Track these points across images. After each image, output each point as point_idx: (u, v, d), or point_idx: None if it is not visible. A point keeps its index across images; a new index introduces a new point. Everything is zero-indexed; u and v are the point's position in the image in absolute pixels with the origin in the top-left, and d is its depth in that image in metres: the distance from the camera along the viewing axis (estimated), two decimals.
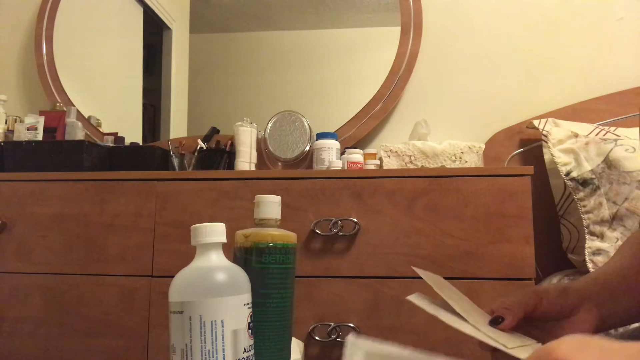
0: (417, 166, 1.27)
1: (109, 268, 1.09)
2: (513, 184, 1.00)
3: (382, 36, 1.56)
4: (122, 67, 1.73)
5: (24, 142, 1.32)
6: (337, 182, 1.05)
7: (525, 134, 1.44)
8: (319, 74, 1.58)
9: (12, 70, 1.75)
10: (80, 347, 1.07)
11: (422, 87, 1.54)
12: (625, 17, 1.47)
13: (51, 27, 1.70)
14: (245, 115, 1.42)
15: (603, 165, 1.15)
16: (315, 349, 1.01)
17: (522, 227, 0.99)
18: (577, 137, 1.25)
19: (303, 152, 1.43)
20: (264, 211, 0.54)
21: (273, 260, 0.52)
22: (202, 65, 1.65)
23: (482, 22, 1.54)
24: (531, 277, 0.97)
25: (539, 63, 1.50)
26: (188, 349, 0.44)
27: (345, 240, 1.03)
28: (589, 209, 1.15)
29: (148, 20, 1.70)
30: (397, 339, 0.98)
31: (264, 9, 1.63)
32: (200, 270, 0.47)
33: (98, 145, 1.35)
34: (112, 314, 1.07)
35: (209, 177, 1.10)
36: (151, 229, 1.08)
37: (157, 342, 1.05)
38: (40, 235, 1.12)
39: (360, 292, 1.01)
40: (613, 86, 1.44)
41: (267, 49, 1.62)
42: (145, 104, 1.68)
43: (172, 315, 0.46)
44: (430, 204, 1.02)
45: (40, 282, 1.10)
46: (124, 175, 1.13)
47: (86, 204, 1.11)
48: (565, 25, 1.50)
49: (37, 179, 1.14)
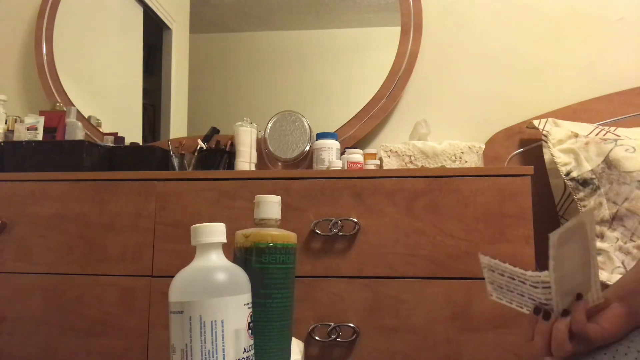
0: (417, 166, 1.27)
1: (109, 268, 1.09)
2: (513, 184, 1.00)
3: (382, 36, 1.56)
4: (122, 67, 1.73)
5: (24, 142, 1.32)
6: (337, 182, 1.05)
7: (525, 134, 1.44)
8: (319, 74, 1.58)
9: (12, 70, 1.75)
10: (80, 347, 1.07)
11: (422, 87, 1.54)
12: (625, 17, 1.47)
13: (51, 27, 1.70)
14: (245, 115, 1.42)
15: (603, 165, 1.15)
16: (315, 349, 1.01)
17: (522, 227, 0.99)
18: (577, 137, 1.25)
19: (303, 152, 1.43)
20: (264, 211, 0.54)
21: (273, 260, 0.52)
22: (202, 65, 1.65)
23: (482, 22, 1.54)
24: None
25: (539, 63, 1.50)
26: (188, 349, 0.44)
27: (345, 240, 1.03)
28: (589, 209, 1.15)
29: (148, 20, 1.70)
30: (397, 339, 0.98)
31: (264, 9, 1.63)
32: (200, 270, 0.47)
33: (98, 145, 1.35)
34: (112, 314, 1.07)
35: (209, 177, 1.10)
36: (151, 229, 1.08)
37: (157, 342, 1.05)
38: (40, 235, 1.12)
39: (360, 292, 1.01)
40: (613, 86, 1.44)
41: (267, 49, 1.62)
42: (145, 104, 1.68)
43: (172, 315, 0.46)
44: (430, 204, 1.02)
45: (40, 282, 1.10)
46: (124, 175, 1.12)
47: (86, 204, 1.11)
48: (565, 25, 1.50)
49: (37, 179, 1.14)
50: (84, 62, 1.72)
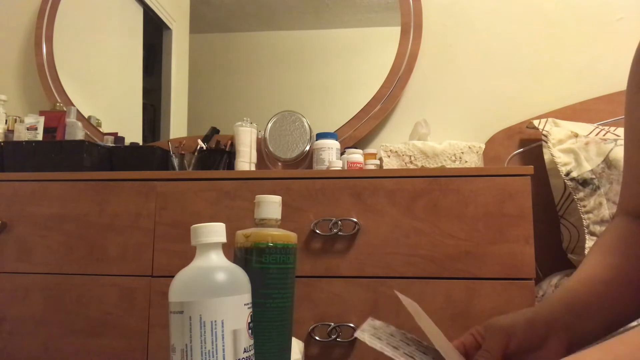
0: (417, 166, 1.27)
1: (109, 268, 1.09)
2: (513, 184, 1.00)
3: (382, 36, 1.56)
4: (122, 67, 1.73)
5: (24, 142, 1.32)
6: (337, 182, 1.05)
7: (525, 134, 1.44)
8: (319, 74, 1.58)
9: (12, 70, 1.75)
10: (80, 347, 1.07)
11: (422, 87, 1.54)
12: (625, 17, 1.47)
13: (51, 27, 1.70)
14: (245, 115, 1.42)
15: (603, 165, 1.15)
16: (315, 349, 1.01)
17: (522, 227, 0.99)
18: (577, 137, 1.25)
19: (303, 152, 1.43)
20: (264, 211, 0.54)
21: (273, 260, 0.52)
22: (202, 65, 1.65)
23: (482, 22, 1.54)
24: (531, 277, 0.97)
25: (539, 63, 1.50)
26: (188, 349, 0.44)
27: (345, 240, 1.03)
28: (589, 209, 1.15)
29: (148, 20, 1.70)
30: None
31: (264, 9, 1.63)
32: (200, 270, 0.47)
33: (98, 145, 1.35)
34: (112, 314, 1.07)
35: (209, 177, 1.10)
36: (151, 229, 1.08)
37: (157, 342, 1.05)
38: (40, 235, 1.12)
39: (360, 292, 1.01)
40: (613, 86, 1.44)
41: (267, 49, 1.62)
42: (145, 104, 1.68)
43: (172, 315, 0.46)
44: (430, 204, 1.02)
45: (41, 282, 1.10)
46: (124, 175, 1.13)
47: (86, 204, 1.11)
48: (565, 25, 1.50)
49: (37, 179, 1.14)
50: (84, 62, 1.72)
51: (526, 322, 0.49)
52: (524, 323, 0.49)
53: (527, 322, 0.49)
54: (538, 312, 0.51)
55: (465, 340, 0.53)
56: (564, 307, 0.51)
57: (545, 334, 0.48)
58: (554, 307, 0.51)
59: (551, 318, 0.50)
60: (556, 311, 0.51)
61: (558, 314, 0.50)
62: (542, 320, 0.49)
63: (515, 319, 0.50)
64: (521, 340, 0.48)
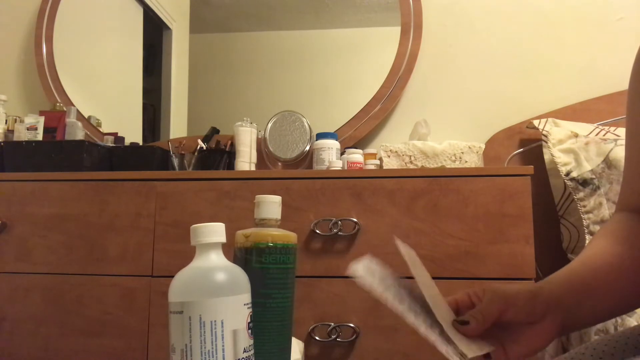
0: (417, 166, 1.27)
1: (109, 268, 1.09)
2: (513, 184, 1.00)
3: (382, 36, 1.56)
4: (122, 67, 1.73)
5: (24, 142, 1.32)
6: (337, 182, 1.05)
7: (525, 134, 1.44)
8: (319, 74, 1.58)
9: (12, 70, 1.75)
10: (80, 347, 1.07)
11: (422, 87, 1.54)
12: (625, 17, 1.47)
13: (51, 27, 1.70)
14: (245, 115, 1.42)
15: (603, 165, 1.15)
16: (315, 349, 1.01)
17: (522, 227, 0.99)
18: (577, 137, 1.25)
19: (303, 152, 1.43)
20: (264, 211, 0.54)
21: (273, 260, 0.52)
22: (202, 65, 1.65)
23: (482, 22, 1.54)
24: (531, 277, 0.97)
25: (539, 63, 1.50)
26: (188, 349, 0.44)
27: (345, 240, 1.03)
28: (589, 209, 1.15)
29: (148, 20, 1.70)
30: (397, 339, 0.98)
31: (264, 9, 1.63)
32: (200, 270, 0.47)
33: (98, 145, 1.35)
34: (112, 313, 1.07)
35: (209, 177, 1.10)
36: (151, 229, 1.08)
37: (157, 342, 1.05)
38: (40, 235, 1.12)
39: (360, 292, 1.01)
40: (613, 86, 1.44)
41: (267, 49, 1.62)
42: (145, 104, 1.68)
43: (172, 316, 0.46)
44: (430, 204, 1.02)
45: (40, 282, 1.10)
46: (124, 175, 1.13)
47: (86, 204, 1.11)
48: (565, 25, 1.50)
49: (37, 179, 1.14)
50: (84, 62, 1.72)
51: (529, 295, 0.49)
52: (526, 296, 0.49)
53: (530, 296, 0.49)
54: (542, 287, 0.51)
55: (460, 298, 0.53)
56: (566, 288, 0.51)
57: (543, 311, 0.48)
58: (558, 285, 0.51)
59: (552, 297, 0.50)
60: (562, 288, 0.51)
61: (563, 290, 0.50)
62: (544, 297, 0.49)
63: (519, 290, 0.50)
64: (519, 312, 0.48)
